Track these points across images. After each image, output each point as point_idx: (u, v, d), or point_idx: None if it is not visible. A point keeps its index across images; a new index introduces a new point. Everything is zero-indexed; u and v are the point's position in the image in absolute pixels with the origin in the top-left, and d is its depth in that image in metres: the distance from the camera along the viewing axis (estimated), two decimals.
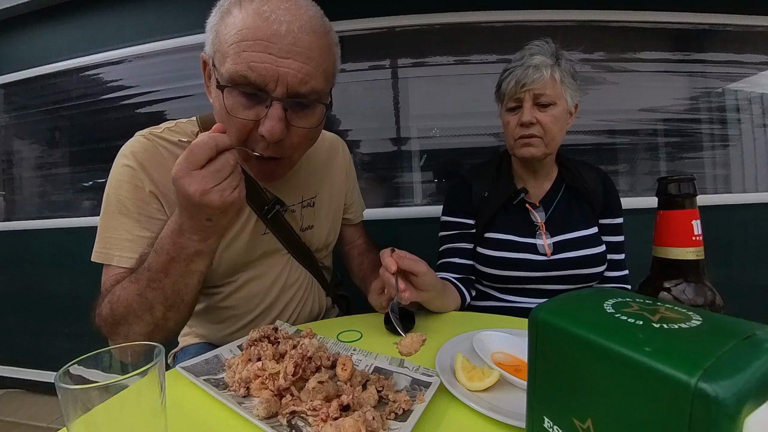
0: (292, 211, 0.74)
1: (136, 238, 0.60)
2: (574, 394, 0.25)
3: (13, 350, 1.95)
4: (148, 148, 0.62)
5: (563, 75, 0.80)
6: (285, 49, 0.50)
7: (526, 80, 0.79)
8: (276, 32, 0.49)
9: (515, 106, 0.83)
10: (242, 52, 0.49)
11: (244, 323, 0.74)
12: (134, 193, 0.60)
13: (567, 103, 0.82)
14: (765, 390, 0.18)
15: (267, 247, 0.73)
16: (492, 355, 0.52)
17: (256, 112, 0.53)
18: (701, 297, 0.39)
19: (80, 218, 1.85)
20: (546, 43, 0.83)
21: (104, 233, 0.61)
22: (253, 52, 0.49)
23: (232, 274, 0.70)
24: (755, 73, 1.66)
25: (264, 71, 0.50)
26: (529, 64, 0.79)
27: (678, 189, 0.39)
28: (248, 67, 0.49)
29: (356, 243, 0.98)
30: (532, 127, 0.81)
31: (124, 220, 0.60)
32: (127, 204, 0.60)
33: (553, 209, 0.88)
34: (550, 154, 0.85)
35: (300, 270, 0.79)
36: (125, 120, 1.85)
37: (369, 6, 1.59)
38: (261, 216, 0.70)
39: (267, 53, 0.49)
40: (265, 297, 0.74)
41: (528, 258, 0.84)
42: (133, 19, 1.78)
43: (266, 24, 0.49)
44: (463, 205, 0.93)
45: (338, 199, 0.86)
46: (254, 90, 0.51)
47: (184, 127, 0.67)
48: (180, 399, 0.44)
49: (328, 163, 0.83)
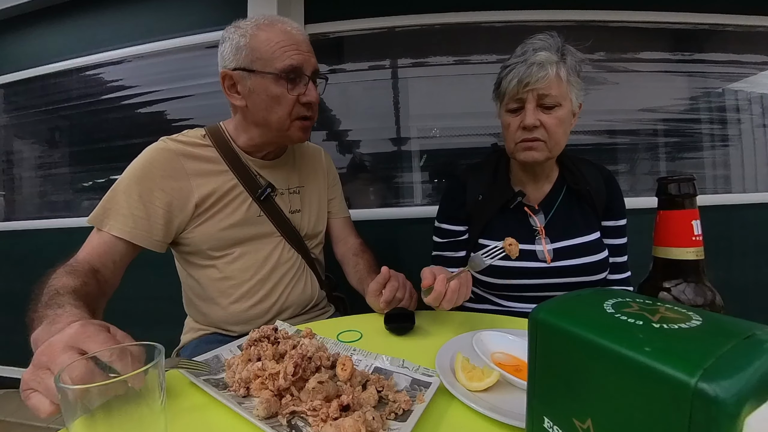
0: (281, 194, 0.87)
1: (130, 216, 0.71)
2: (574, 394, 0.25)
3: (13, 350, 1.95)
4: (164, 148, 0.77)
5: (569, 73, 0.74)
6: (305, 48, 0.76)
7: (530, 79, 0.72)
8: (299, 40, 0.76)
9: (517, 107, 0.77)
10: (285, 53, 0.73)
11: (241, 293, 0.82)
12: (143, 180, 0.73)
13: (572, 104, 0.76)
14: (765, 390, 0.18)
15: (261, 229, 0.84)
16: (492, 355, 0.52)
17: (298, 90, 0.75)
18: (701, 297, 0.39)
19: (80, 218, 1.85)
20: (551, 37, 0.76)
21: (105, 204, 0.72)
22: (293, 52, 0.74)
23: (228, 248, 0.81)
24: (755, 73, 1.66)
25: (302, 60, 0.75)
26: (532, 61, 0.72)
27: (678, 189, 0.39)
28: (294, 60, 0.74)
29: (349, 242, 1.00)
30: (536, 131, 0.75)
31: (127, 200, 0.71)
32: (133, 188, 0.72)
33: (553, 213, 0.84)
34: (552, 158, 0.80)
35: (292, 252, 0.88)
36: (125, 120, 1.85)
37: (369, 6, 1.59)
38: (255, 199, 0.82)
39: (299, 51, 0.75)
40: (259, 269, 0.83)
41: (527, 266, 0.80)
42: (133, 19, 1.78)
43: (292, 36, 0.75)
44: (455, 212, 0.89)
45: (321, 193, 0.98)
46: (297, 75, 0.75)
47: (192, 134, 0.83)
48: (180, 399, 0.44)
49: (312, 164, 0.98)
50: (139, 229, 0.72)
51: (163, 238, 0.75)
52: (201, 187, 0.77)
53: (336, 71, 1.65)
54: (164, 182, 0.74)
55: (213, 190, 0.78)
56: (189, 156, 0.78)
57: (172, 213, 0.75)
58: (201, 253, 0.80)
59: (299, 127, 0.79)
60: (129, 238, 0.71)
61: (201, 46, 1.71)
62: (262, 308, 0.83)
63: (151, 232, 0.73)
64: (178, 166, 0.76)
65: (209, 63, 1.71)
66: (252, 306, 0.82)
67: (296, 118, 0.77)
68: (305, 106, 0.77)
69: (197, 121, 0.95)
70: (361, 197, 1.66)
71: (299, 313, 0.89)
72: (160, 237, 0.74)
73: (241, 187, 0.81)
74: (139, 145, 0.78)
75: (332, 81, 0.88)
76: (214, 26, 1.66)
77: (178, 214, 0.76)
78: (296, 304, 0.87)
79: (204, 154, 0.80)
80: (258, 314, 0.82)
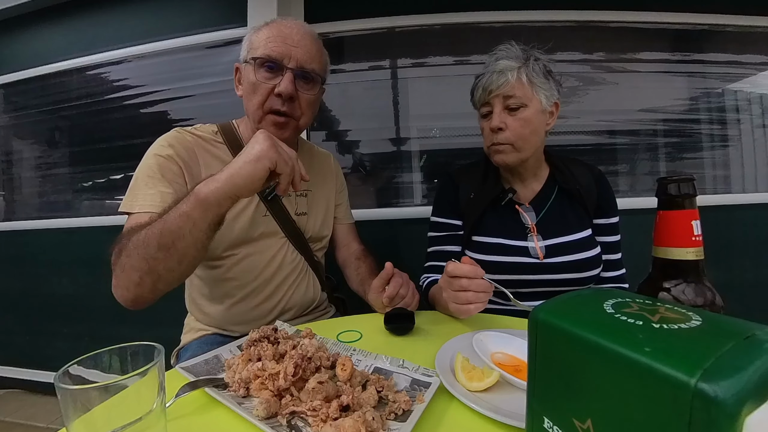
0: (288, 195, 0.87)
1: (157, 192, 0.69)
2: (573, 394, 0.25)
3: (13, 350, 1.95)
4: (179, 135, 0.78)
5: (532, 75, 0.79)
6: (296, 41, 0.75)
7: (492, 86, 0.79)
8: (290, 33, 0.76)
9: (487, 112, 0.83)
10: (269, 44, 0.74)
11: (244, 293, 0.82)
12: (163, 162, 0.72)
13: (541, 104, 0.80)
14: (765, 390, 0.18)
15: (266, 228, 0.83)
16: (492, 356, 0.52)
17: (274, 81, 0.75)
18: (701, 297, 0.39)
19: (80, 218, 1.85)
20: (511, 46, 0.82)
21: (132, 191, 0.71)
22: (275, 43, 0.74)
23: (234, 248, 0.80)
24: (755, 74, 1.66)
25: (282, 50, 0.74)
26: (493, 69, 0.80)
27: (678, 189, 0.40)
28: (271, 49, 0.74)
29: (351, 247, 1.01)
30: (501, 134, 0.80)
31: (151, 181, 0.71)
32: (155, 169, 0.72)
33: (545, 212, 0.86)
34: (526, 159, 0.84)
35: (295, 254, 0.88)
36: (125, 120, 1.84)
37: (369, 6, 1.59)
38: (262, 199, 0.82)
39: (284, 43, 0.75)
40: (263, 270, 0.83)
41: (519, 261, 0.82)
42: (133, 19, 1.78)
43: (283, 29, 0.76)
44: (450, 206, 0.92)
45: (329, 198, 0.98)
46: (275, 64, 0.74)
47: (205, 128, 0.85)
48: (180, 399, 0.44)
49: (320, 169, 0.98)
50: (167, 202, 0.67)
51: None
52: None
53: (336, 71, 1.65)
54: (182, 162, 0.74)
55: None
56: (203, 149, 0.79)
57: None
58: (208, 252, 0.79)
59: (271, 121, 0.77)
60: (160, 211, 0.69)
61: (201, 46, 1.70)
62: (264, 309, 0.83)
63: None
64: (193, 154, 0.77)
65: (209, 63, 1.71)
66: (255, 306, 0.82)
67: (269, 111, 0.76)
68: (279, 98, 0.75)
69: (198, 121, 0.95)
70: (360, 197, 1.66)
71: (301, 314, 0.89)
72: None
73: None
74: (139, 145, 0.78)
75: (332, 81, 0.88)
76: (214, 26, 1.66)
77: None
78: (299, 305, 0.87)
79: (215, 151, 0.80)
80: (260, 315, 0.82)
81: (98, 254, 1.59)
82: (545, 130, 0.84)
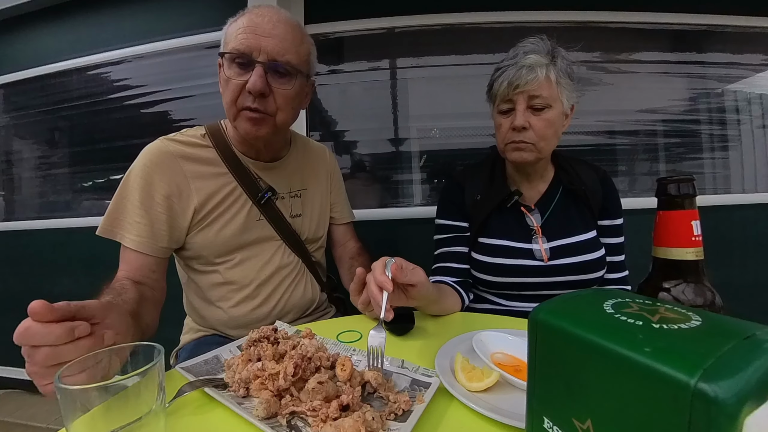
0: (282, 198, 0.85)
1: (134, 222, 0.71)
2: (573, 394, 0.25)
3: (13, 350, 1.93)
4: (162, 147, 0.75)
5: (559, 75, 0.75)
6: (267, 31, 0.69)
7: (519, 81, 0.74)
8: (260, 23, 0.70)
9: (508, 109, 0.78)
10: (238, 36, 0.69)
11: (241, 297, 0.81)
12: (143, 189, 0.71)
13: (563, 105, 0.77)
14: (765, 390, 0.18)
15: (261, 233, 0.82)
16: (492, 356, 0.52)
17: (245, 76, 0.69)
18: (701, 297, 0.39)
19: (80, 218, 1.85)
20: (541, 41, 0.77)
21: (111, 215, 0.72)
22: (245, 35, 0.69)
23: (228, 254, 0.80)
24: (754, 74, 1.66)
25: (250, 43, 0.69)
26: (522, 63, 0.74)
27: (677, 189, 0.40)
28: (240, 42, 0.69)
29: (348, 246, 1.00)
30: (525, 133, 0.76)
31: (131, 207, 0.71)
32: (135, 194, 0.71)
33: (550, 213, 0.85)
34: (542, 159, 0.82)
35: (292, 256, 0.87)
36: (125, 120, 1.84)
37: (369, 6, 1.59)
38: (255, 202, 0.81)
39: (254, 34, 0.69)
40: (259, 273, 0.82)
41: (524, 264, 0.81)
42: (133, 19, 1.78)
43: (254, 20, 0.70)
44: (456, 207, 0.90)
45: (324, 196, 0.96)
46: (244, 59, 0.69)
47: (192, 132, 0.82)
48: (179, 399, 0.44)
49: (315, 165, 0.95)
50: (144, 237, 0.70)
51: (168, 244, 0.73)
52: (200, 191, 0.75)
53: (336, 71, 1.65)
54: (164, 187, 0.72)
55: (212, 192, 0.76)
56: (187, 158, 0.76)
57: (174, 218, 0.73)
58: (202, 258, 0.79)
59: (245, 117, 0.72)
60: (136, 247, 0.70)
61: (201, 46, 1.71)
62: (262, 312, 0.82)
63: (156, 239, 0.72)
64: (177, 169, 0.74)
65: (209, 63, 1.70)
66: (252, 310, 0.81)
67: (242, 108, 0.71)
68: (251, 95, 0.70)
69: (197, 121, 0.95)
70: (360, 197, 1.66)
71: (300, 316, 0.88)
72: (164, 243, 0.73)
73: (241, 190, 0.79)
74: (139, 145, 0.77)
75: (332, 81, 0.88)
76: (214, 26, 1.66)
77: (180, 219, 0.74)
78: (297, 307, 0.86)
79: (203, 155, 0.78)
80: (258, 318, 0.82)
81: (98, 254, 1.60)
82: (561, 132, 0.81)
